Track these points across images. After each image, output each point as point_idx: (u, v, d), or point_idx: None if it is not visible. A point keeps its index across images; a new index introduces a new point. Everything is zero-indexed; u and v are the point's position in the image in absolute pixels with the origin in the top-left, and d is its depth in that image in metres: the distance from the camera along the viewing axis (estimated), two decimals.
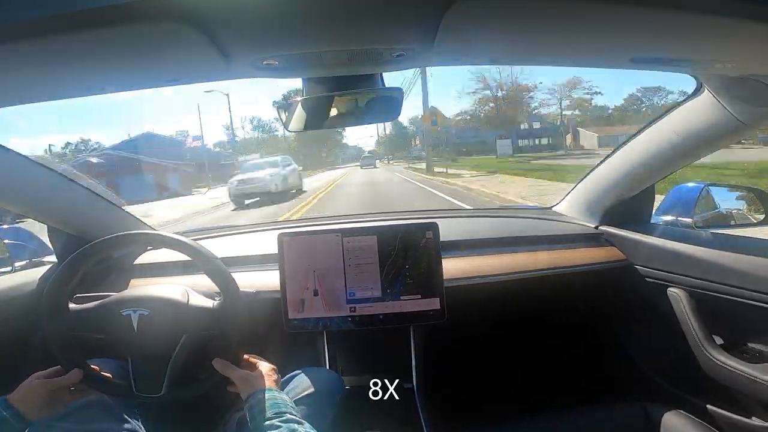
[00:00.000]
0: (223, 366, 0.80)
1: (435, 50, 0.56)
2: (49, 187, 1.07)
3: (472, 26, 0.49)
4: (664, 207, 1.22)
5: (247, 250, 1.28)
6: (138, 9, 0.39)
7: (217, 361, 0.81)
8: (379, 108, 0.78)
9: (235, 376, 0.79)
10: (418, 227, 1.11)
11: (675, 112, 0.97)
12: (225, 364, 0.81)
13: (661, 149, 1.05)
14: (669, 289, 1.10)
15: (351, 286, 1.10)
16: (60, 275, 0.85)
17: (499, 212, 1.67)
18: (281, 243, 1.10)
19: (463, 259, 1.23)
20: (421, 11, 0.47)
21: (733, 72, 0.70)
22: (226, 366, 0.80)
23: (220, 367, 0.80)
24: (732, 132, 0.88)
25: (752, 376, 0.88)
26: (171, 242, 0.88)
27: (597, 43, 0.59)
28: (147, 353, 0.83)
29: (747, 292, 0.92)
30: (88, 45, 0.46)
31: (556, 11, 0.46)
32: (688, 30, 0.52)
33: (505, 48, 0.62)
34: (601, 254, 1.25)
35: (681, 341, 1.05)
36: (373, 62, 0.62)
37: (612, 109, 38.67)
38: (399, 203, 8.40)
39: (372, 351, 1.23)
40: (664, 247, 1.11)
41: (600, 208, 1.33)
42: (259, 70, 0.58)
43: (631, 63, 0.64)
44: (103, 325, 0.83)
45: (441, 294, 1.10)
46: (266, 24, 0.47)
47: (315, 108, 0.78)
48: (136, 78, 0.62)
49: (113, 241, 0.88)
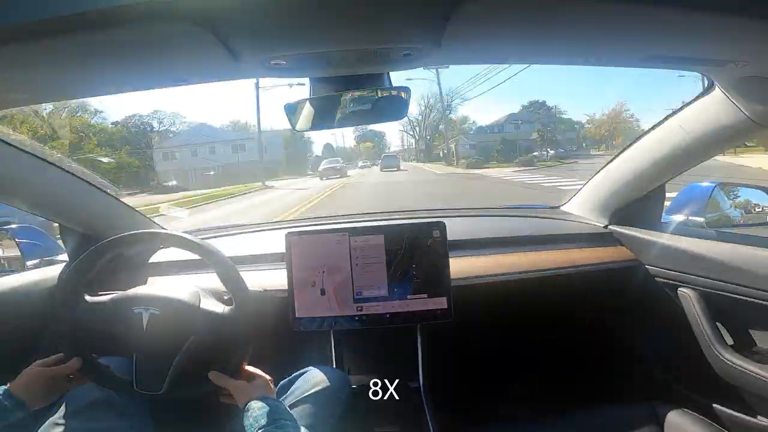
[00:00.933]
0: (217, 377, 0.81)
1: (443, 50, 0.56)
2: (60, 185, 1.09)
3: (480, 25, 0.48)
4: (675, 206, 1.20)
5: (255, 249, 1.29)
6: (149, 11, 0.40)
7: (213, 374, 0.82)
8: (387, 107, 0.78)
9: (230, 386, 0.80)
10: (425, 226, 1.11)
11: (686, 110, 0.95)
12: (220, 376, 0.81)
13: (671, 148, 1.03)
14: (679, 289, 1.09)
15: (358, 285, 1.10)
16: (79, 265, 0.86)
17: (506, 211, 1.66)
18: (289, 242, 1.11)
19: (471, 258, 1.23)
20: (429, 11, 0.47)
21: (745, 72, 0.69)
22: (220, 377, 0.81)
23: (215, 378, 0.81)
24: (743, 131, 0.87)
25: (762, 376, 0.87)
26: (181, 242, 0.89)
27: (609, 42, 0.59)
28: (152, 351, 0.84)
29: (758, 292, 0.90)
30: (99, 46, 0.46)
31: (567, 11, 0.46)
32: (700, 30, 0.51)
33: (515, 47, 0.62)
34: (610, 254, 1.24)
35: (691, 341, 1.04)
36: (380, 62, 0.63)
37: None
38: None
39: (378, 350, 1.23)
40: (674, 246, 1.10)
41: (609, 207, 1.32)
42: (268, 69, 0.59)
43: (643, 62, 0.64)
44: (114, 319, 0.84)
45: (448, 293, 1.10)
46: (274, 24, 0.48)
47: (322, 107, 0.78)
48: (146, 78, 0.62)
49: (126, 239, 0.89)
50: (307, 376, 0.94)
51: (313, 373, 0.95)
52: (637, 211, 1.28)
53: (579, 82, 71.65)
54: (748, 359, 0.92)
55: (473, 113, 56.15)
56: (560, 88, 70.81)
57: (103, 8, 0.39)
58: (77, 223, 1.18)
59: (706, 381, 1.03)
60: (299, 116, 0.80)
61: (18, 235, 1.21)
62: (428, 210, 1.81)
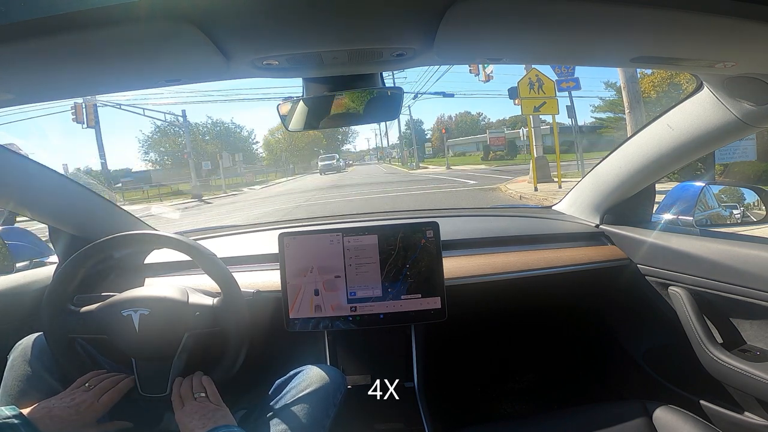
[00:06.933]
0: (176, 398, 0.80)
1: (435, 50, 0.56)
2: (49, 187, 1.07)
3: (472, 25, 0.49)
4: (665, 205, 1.22)
5: (248, 250, 1.28)
6: (139, 9, 0.40)
7: (177, 384, 0.81)
8: (379, 107, 0.78)
9: (178, 416, 0.76)
10: (418, 226, 1.12)
11: (675, 110, 0.97)
12: (177, 397, 0.80)
13: (661, 148, 1.05)
14: (670, 288, 1.10)
15: (351, 286, 1.10)
16: (59, 278, 0.85)
17: (499, 211, 1.67)
18: (282, 242, 1.10)
19: (464, 258, 1.23)
20: (421, 11, 0.47)
21: (734, 71, 0.70)
22: (176, 398, 0.80)
23: (175, 395, 0.80)
24: (733, 131, 0.88)
25: (752, 374, 0.88)
26: (169, 242, 0.89)
27: (598, 42, 0.59)
28: (150, 353, 0.84)
29: (747, 291, 0.92)
30: (89, 45, 0.46)
31: (557, 11, 0.46)
32: (689, 30, 0.52)
33: (506, 47, 0.62)
34: (602, 253, 1.25)
35: (681, 339, 1.05)
36: (373, 62, 0.63)
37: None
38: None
39: (373, 350, 1.23)
40: (665, 245, 1.11)
41: (600, 207, 1.33)
42: (260, 69, 0.59)
43: (631, 62, 0.64)
44: (104, 326, 0.84)
45: (442, 293, 1.10)
46: (266, 24, 0.47)
47: (315, 107, 0.78)
48: (137, 78, 0.62)
49: (113, 242, 0.88)
50: (303, 375, 0.94)
51: (310, 372, 0.95)
52: (628, 210, 1.29)
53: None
54: (738, 357, 0.93)
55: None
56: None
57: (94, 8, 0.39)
58: (65, 225, 1.16)
59: (696, 378, 1.04)
60: (292, 116, 0.80)
61: (6, 237, 1.19)
62: (422, 210, 1.82)
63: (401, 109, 0.79)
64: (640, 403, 0.91)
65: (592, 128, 19.35)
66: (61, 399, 0.77)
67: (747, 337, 0.99)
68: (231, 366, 0.87)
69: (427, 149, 42.85)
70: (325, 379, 0.93)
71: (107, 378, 0.83)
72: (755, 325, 0.97)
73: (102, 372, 0.85)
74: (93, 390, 0.79)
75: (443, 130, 35.49)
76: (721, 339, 1.01)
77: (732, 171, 6.51)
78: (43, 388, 0.82)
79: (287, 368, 0.97)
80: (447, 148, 30.46)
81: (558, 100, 8.33)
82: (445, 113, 73.74)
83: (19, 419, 0.68)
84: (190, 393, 0.80)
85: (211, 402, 0.79)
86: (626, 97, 7.19)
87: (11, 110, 12.50)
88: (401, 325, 1.15)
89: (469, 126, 48.48)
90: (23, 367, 0.84)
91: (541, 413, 0.99)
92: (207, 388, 0.81)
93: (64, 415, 0.73)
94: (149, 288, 0.89)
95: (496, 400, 1.54)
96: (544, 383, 1.58)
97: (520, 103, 8.18)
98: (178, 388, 0.81)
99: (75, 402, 0.76)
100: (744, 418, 0.96)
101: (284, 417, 0.83)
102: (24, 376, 0.83)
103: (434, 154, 41.10)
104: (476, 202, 8.02)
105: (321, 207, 9.31)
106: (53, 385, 0.84)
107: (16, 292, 1.09)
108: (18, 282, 1.11)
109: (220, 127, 38.81)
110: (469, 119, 51.25)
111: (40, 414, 0.72)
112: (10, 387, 0.82)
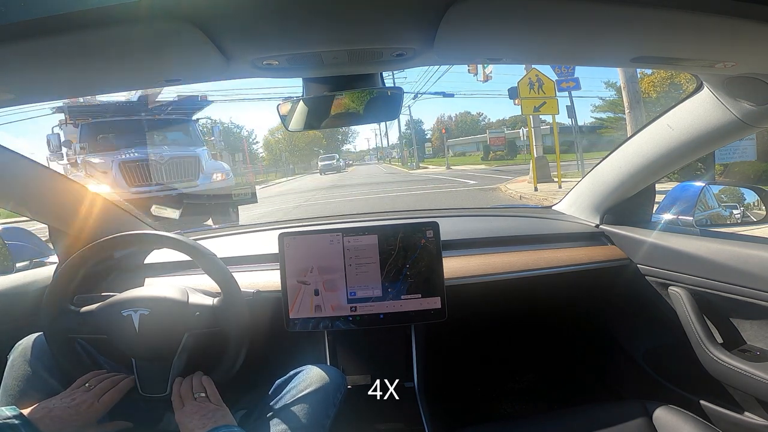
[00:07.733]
0: (176, 398, 0.80)
1: (435, 50, 0.56)
2: (49, 187, 1.07)
3: (472, 25, 0.49)
4: (665, 205, 1.22)
5: (248, 250, 1.28)
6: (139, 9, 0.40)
7: (177, 384, 0.81)
8: (379, 107, 0.78)
9: (177, 417, 0.76)
10: (418, 226, 1.11)
11: (675, 110, 0.97)
12: (177, 397, 0.79)
13: (661, 148, 1.05)
14: (670, 288, 1.10)
15: (352, 286, 1.10)
16: (59, 278, 0.85)
17: (499, 211, 1.67)
18: (282, 243, 1.10)
19: (464, 258, 1.23)
20: (421, 11, 0.47)
21: (734, 71, 0.70)
22: (176, 398, 0.80)
23: (175, 395, 0.80)
24: (733, 131, 0.88)
25: (752, 374, 0.88)
26: (169, 242, 0.88)
27: (598, 42, 0.59)
28: (150, 353, 0.84)
29: (747, 291, 0.92)
30: (89, 45, 0.46)
31: (557, 11, 0.46)
32: (689, 30, 0.52)
33: (506, 47, 0.62)
34: (602, 253, 1.25)
35: (681, 339, 1.05)
36: (373, 62, 0.62)
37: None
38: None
39: (373, 350, 1.23)
40: (665, 245, 1.11)
41: (601, 207, 1.33)
42: (260, 69, 0.59)
43: (632, 62, 0.64)
44: (105, 326, 0.84)
45: (442, 293, 1.10)
46: (266, 24, 0.47)
47: (315, 107, 0.78)
48: (137, 78, 0.62)
49: (113, 242, 0.88)
50: (303, 375, 0.94)
51: (310, 372, 0.95)
52: (628, 210, 1.29)
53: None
54: (738, 357, 0.93)
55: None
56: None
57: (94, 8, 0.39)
58: (65, 225, 1.16)
59: (696, 378, 1.04)
60: (292, 116, 0.80)
61: (6, 237, 1.19)
62: (422, 210, 1.82)
63: (401, 109, 0.79)
64: (640, 403, 0.91)
65: (592, 128, 19.36)
66: (61, 399, 0.77)
67: (747, 337, 0.99)
68: (231, 366, 0.87)
69: (427, 149, 43.28)
70: (325, 379, 0.93)
71: (107, 378, 0.83)
72: (755, 325, 0.97)
73: (102, 372, 0.85)
74: (93, 390, 0.79)
75: (443, 130, 36.05)
76: (721, 339, 1.01)
77: (732, 171, 6.51)
78: (43, 388, 0.82)
79: (287, 368, 0.97)
80: (447, 148, 30.82)
81: (558, 100, 8.32)
82: (445, 113, 73.95)
83: (19, 419, 0.68)
84: (190, 393, 0.80)
85: (211, 402, 0.79)
86: (626, 97, 7.21)
87: (11, 110, 12.54)
88: (401, 325, 1.15)
89: (469, 126, 48.82)
90: (23, 367, 0.84)
91: (541, 413, 0.99)
92: (207, 388, 0.81)
93: (65, 416, 0.73)
94: (149, 288, 0.89)
95: (496, 400, 1.54)
96: (544, 383, 1.58)
97: (520, 103, 8.18)
98: (178, 388, 0.81)
99: (75, 402, 0.76)
100: (744, 418, 0.96)
101: (284, 417, 0.83)
102: (24, 377, 0.83)
103: (434, 154, 41.65)
104: (476, 202, 8.03)
105: (321, 207, 9.31)
106: (53, 386, 0.84)
107: (16, 292, 1.09)
108: (18, 282, 1.11)
109: (220, 127, 39.16)
110: (469, 119, 51.59)
111: (40, 414, 0.72)
112: (10, 387, 0.82)
